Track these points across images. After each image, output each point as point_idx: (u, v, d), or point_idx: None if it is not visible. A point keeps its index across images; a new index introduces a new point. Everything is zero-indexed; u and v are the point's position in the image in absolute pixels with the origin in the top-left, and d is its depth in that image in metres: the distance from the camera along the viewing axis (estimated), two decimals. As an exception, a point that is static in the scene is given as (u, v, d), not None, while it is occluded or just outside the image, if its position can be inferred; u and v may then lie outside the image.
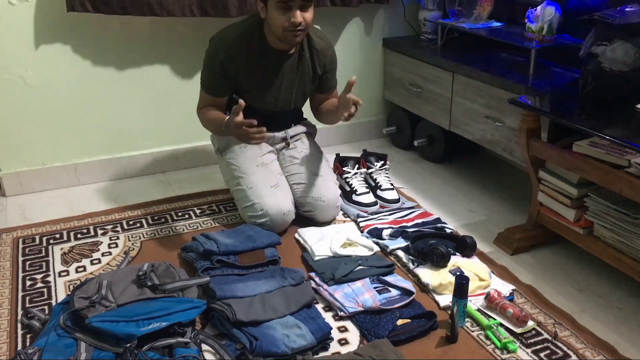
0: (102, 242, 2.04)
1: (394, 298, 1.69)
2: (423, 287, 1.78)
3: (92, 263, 1.92)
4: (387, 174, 2.38)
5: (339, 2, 2.61)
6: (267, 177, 2.07)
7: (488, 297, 1.68)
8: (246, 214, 2.07)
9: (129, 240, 2.05)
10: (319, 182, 2.13)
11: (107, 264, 1.91)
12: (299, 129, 2.28)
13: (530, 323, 1.62)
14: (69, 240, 2.05)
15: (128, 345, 1.41)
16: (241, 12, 2.37)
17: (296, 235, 2.05)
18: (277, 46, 1.99)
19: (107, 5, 2.18)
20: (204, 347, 1.52)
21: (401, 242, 1.97)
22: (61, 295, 1.75)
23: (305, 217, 2.13)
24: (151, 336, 1.46)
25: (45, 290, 1.78)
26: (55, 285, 1.80)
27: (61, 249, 2.00)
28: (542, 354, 1.53)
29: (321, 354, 1.52)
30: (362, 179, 2.34)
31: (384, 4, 2.75)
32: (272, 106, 2.12)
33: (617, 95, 1.84)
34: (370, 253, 1.91)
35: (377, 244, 1.99)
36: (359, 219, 2.15)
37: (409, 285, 1.74)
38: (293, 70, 2.07)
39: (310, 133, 2.34)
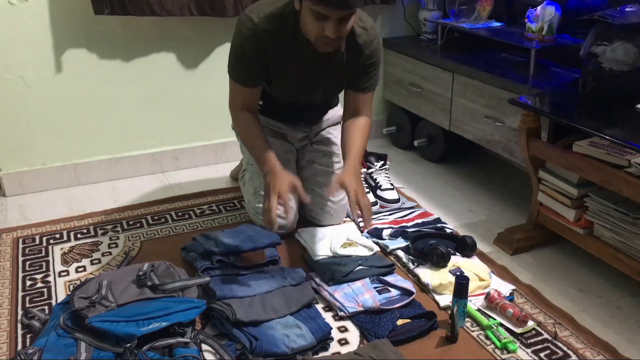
0: (102, 242, 2.04)
1: (394, 298, 1.69)
2: (423, 287, 1.78)
3: (92, 263, 1.92)
4: (387, 174, 2.38)
5: None
6: None
7: (488, 297, 1.68)
8: (250, 207, 2.06)
9: (129, 240, 2.05)
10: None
11: (107, 264, 1.91)
12: (326, 122, 2.15)
13: (530, 323, 1.62)
14: (69, 240, 2.05)
15: (128, 345, 1.41)
16: (237, 12, 2.36)
17: (296, 235, 2.05)
18: None
19: (105, 4, 2.18)
20: (204, 347, 1.52)
21: (401, 242, 1.97)
22: (61, 295, 1.75)
23: (307, 219, 2.13)
24: (151, 336, 1.46)
25: (45, 290, 1.78)
26: (55, 285, 1.80)
27: (61, 249, 2.00)
28: (542, 354, 1.53)
29: (321, 354, 1.52)
30: (362, 179, 2.33)
31: (390, 4, 2.74)
32: (296, 99, 1.98)
33: (617, 95, 1.84)
34: (370, 253, 1.91)
35: (377, 244, 1.99)
36: (359, 219, 2.14)
37: (409, 285, 1.74)
38: (324, 65, 1.85)
39: (338, 123, 2.17)
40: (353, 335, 1.59)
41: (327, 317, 1.65)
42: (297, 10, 1.72)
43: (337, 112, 2.19)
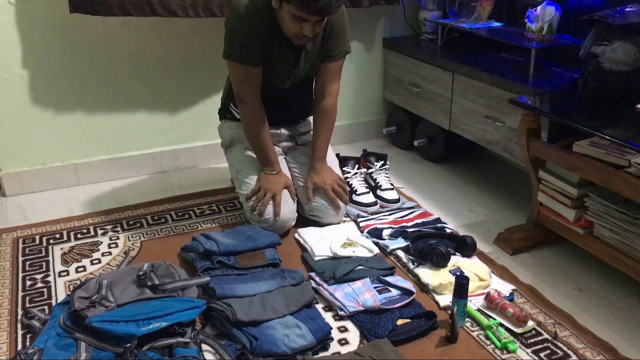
0: (102, 242, 2.04)
1: (394, 298, 1.69)
2: (423, 287, 1.78)
3: (92, 263, 1.92)
4: (387, 174, 2.38)
5: (349, 4, 2.60)
6: None
7: (488, 297, 1.68)
8: (247, 214, 2.07)
9: (129, 240, 2.05)
10: None
11: (107, 264, 1.91)
12: (309, 126, 2.23)
13: (530, 323, 1.62)
14: (69, 240, 2.05)
15: (128, 345, 1.41)
16: None
17: (296, 236, 2.05)
18: None
19: (107, 6, 2.17)
20: (204, 347, 1.52)
21: (401, 242, 1.97)
22: (61, 295, 1.75)
23: (306, 218, 2.13)
24: (151, 336, 1.46)
25: (45, 290, 1.78)
26: (55, 285, 1.80)
27: (61, 249, 2.00)
28: (542, 354, 1.53)
29: (321, 354, 1.52)
30: (362, 179, 2.34)
31: (394, 4, 2.74)
32: (280, 81, 2.02)
33: (617, 95, 1.84)
34: (371, 254, 1.91)
35: (377, 244, 1.99)
36: (359, 219, 2.15)
37: (409, 285, 1.74)
38: (302, 46, 1.94)
39: None
40: (353, 335, 1.59)
41: (327, 317, 1.65)
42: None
43: None
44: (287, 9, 1.76)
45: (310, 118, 2.24)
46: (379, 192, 2.30)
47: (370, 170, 2.37)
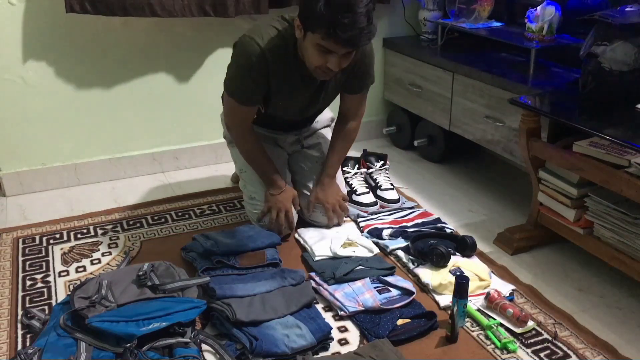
0: (102, 242, 2.04)
1: (394, 298, 1.69)
2: (423, 287, 1.78)
3: (92, 263, 1.92)
4: (387, 174, 2.38)
5: None
6: None
7: (488, 297, 1.68)
8: (248, 214, 2.08)
9: (129, 240, 2.05)
10: None
11: (107, 264, 1.91)
12: (316, 125, 2.19)
13: (530, 323, 1.62)
14: (69, 240, 2.05)
15: (128, 345, 1.41)
16: (238, 12, 2.36)
17: (296, 236, 2.05)
18: None
19: (107, 6, 2.17)
20: (204, 347, 1.52)
21: (401, 242, 1.97)
22: (61, 295, 1.75)
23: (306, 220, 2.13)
24: (151, 336, 1.46)
25: (45, 290, 1.78)
26: (55, 285, 1.80)
27: (61, 249, 2.00)
28: (542, 354, 1.53)
29: (321, 354, 1.52)
30: (362, 179, 2.34)
31: (385, 4, 2.74)
32: (295, 115, 2.01)
33: (617, 95, 1.84)
34: (371, 254, 1.91)
35: (377, 244, 1.99)
36: (359, 219, 2.15)
37: (409, 285, 1.74)
38: (322, 82, 1.88)
39: (328, 126, 2.24)
40: (353, 335, 1.59)
41: (327, 317, 1.65)
42: (295, 37, 1.73)
43: (326, 115, 2.22)
44: (311, 39, 1.63)
45: (318, 118, 2.20)
46: (379, 192, 2.30)
47: (370, 170, 2.37)
